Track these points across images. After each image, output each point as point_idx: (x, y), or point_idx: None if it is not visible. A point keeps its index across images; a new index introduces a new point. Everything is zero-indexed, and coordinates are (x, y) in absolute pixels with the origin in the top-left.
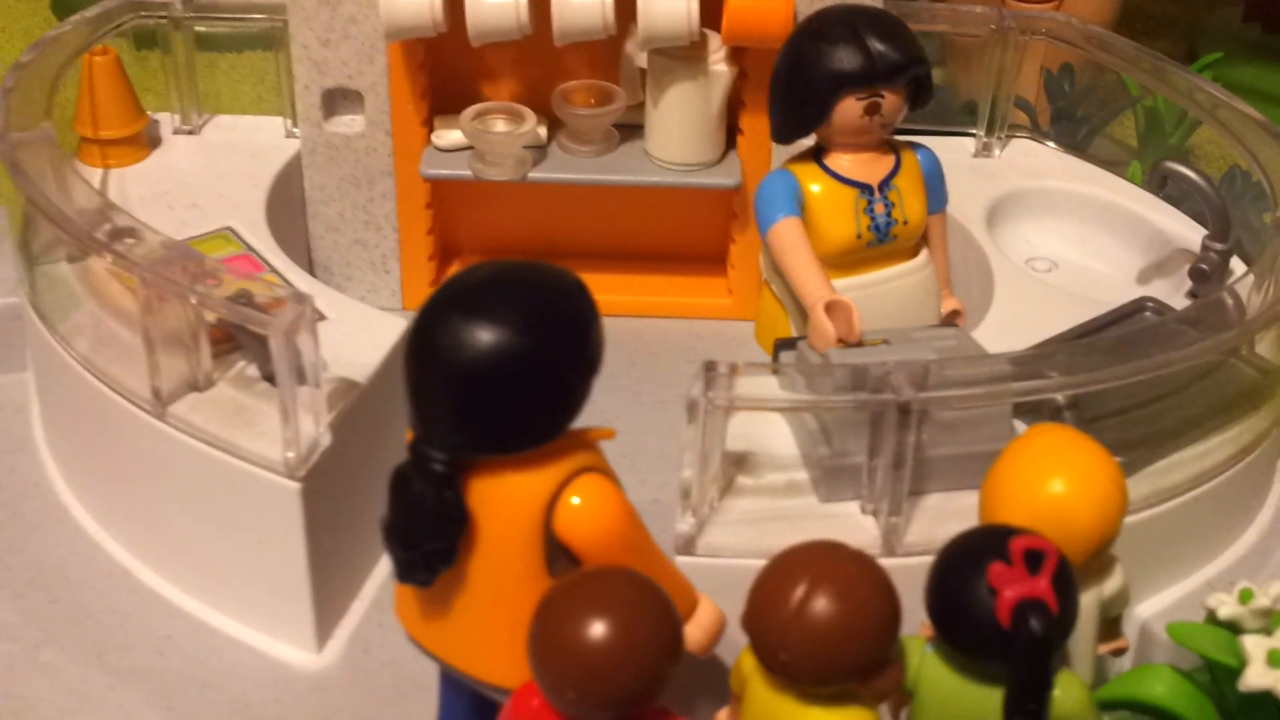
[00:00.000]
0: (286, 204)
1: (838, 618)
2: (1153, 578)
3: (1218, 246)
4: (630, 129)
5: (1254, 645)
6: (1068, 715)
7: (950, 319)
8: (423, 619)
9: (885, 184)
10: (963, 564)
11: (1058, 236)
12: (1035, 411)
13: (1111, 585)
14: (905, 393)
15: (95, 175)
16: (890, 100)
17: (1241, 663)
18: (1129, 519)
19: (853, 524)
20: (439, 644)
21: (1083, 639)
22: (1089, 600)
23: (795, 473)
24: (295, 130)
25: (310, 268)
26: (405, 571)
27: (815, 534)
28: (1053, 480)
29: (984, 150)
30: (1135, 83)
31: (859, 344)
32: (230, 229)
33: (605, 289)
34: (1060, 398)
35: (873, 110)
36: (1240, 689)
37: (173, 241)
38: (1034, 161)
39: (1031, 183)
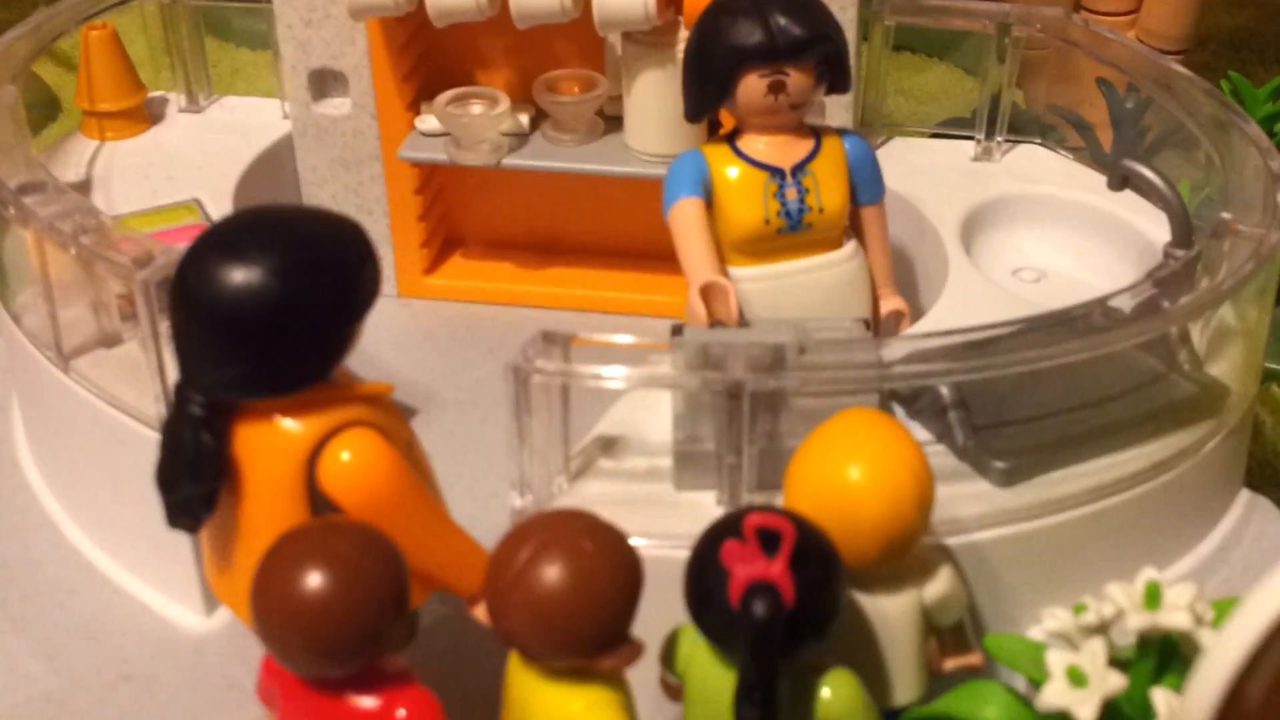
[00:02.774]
0: (276, 184)
1: (557, 586)
2: (1064, 590)
3: (1179, 254)
4: (618, 121)
5: (1056, 661)
6: (835, 717)
7: (892, 320)
8: (213, 571)
9: (799, 169)
10: (705, 543)
11: (1051, 245)
12: (926, 413)
13: (936, 589)
14: (737, 373)
15: (92, 147)
16: (796, 79)
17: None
18: (1022, 527)
19: (703, 514)
20: (225, 594)
21: (900, 644)
22: (906, 603)
23: (661, 459)
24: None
25: None
26: (170, 515)
27: (662, 521)
28: (841, 468)
29: (983, 154)
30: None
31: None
32: (197, 201)
33: (605, 285)
34: (945, 395)
35: (777, 88)
36: (1037, 708)
37: (78, 199)
38: (1035, 167)
39: (1026, 189)
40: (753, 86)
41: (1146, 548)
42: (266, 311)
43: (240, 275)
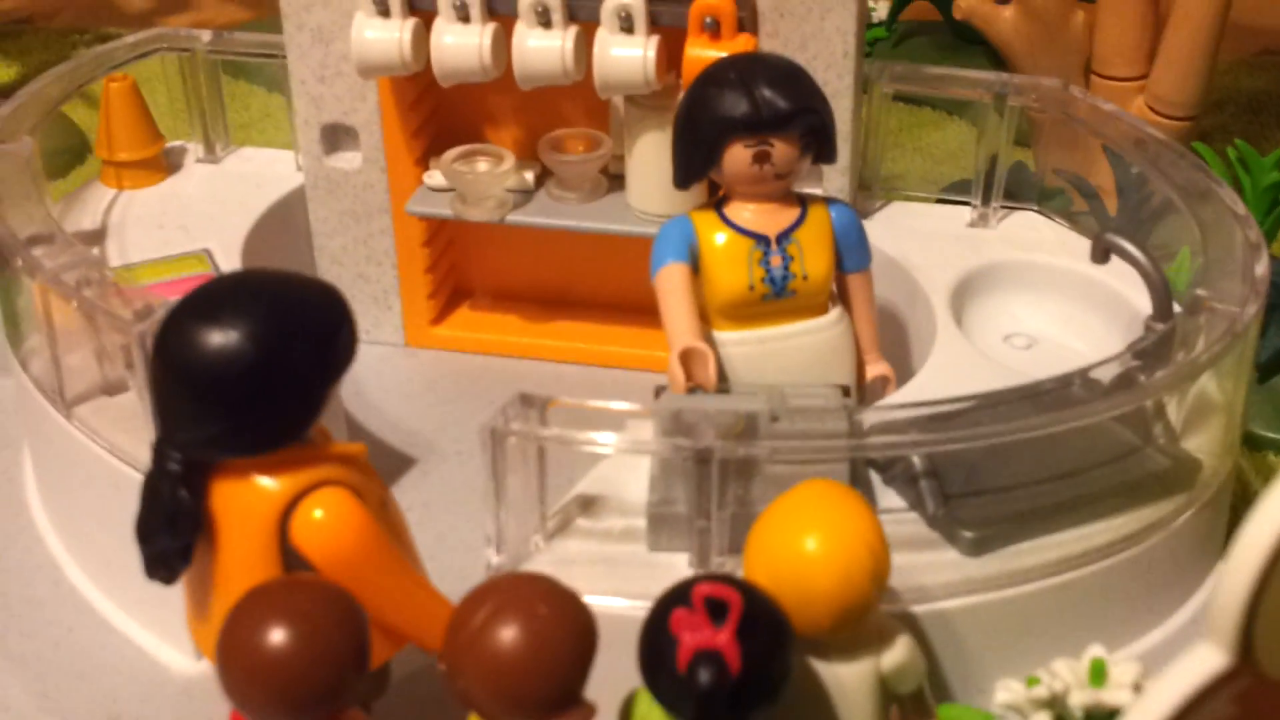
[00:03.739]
0: (288, 235)
1: (511, 648)
2: (1031, 660)
3: (1159, 327)
4: (622, 179)
5: None
6: None
7: (877, 385)
8: (192, 621)
9: (784, 236)
10: (656, 610)
11: (1042, 312)
12: (898, 480)
13: (893, 657)
14: (707, 440)
15: (109, 196)
16: (781, 149)
17: None
18: (990, 596)
19: (675, 575)
20: (203, 643)
21: (857, 711)
22: (863, 671)
23: (637, 520)
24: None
25: None
26: (148, 567)
27: (634, 581)
28: (797, 539)
29: (979, 220)
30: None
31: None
32: (207, 251)
33: (608, 340)
34: (917, 465)
35: (762, 159)
36: None
37: (83, 252)
38: (1030, 234)
39: (1020, 255)
40: (738, 156)
41: (1116, 620)
42: (243, 374)
43: (218, 339)
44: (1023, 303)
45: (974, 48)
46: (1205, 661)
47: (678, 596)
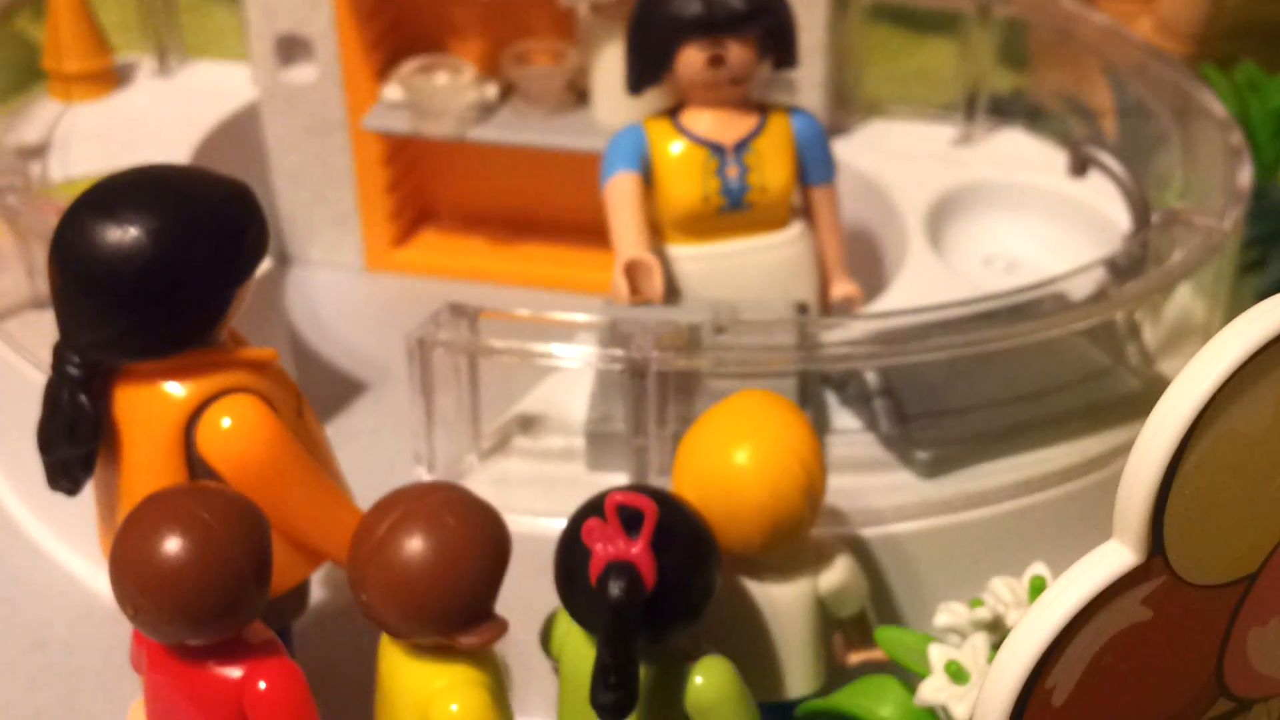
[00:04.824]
0: (240, 151)
1: (414, 559)
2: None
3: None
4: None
5: (937, 656)
6: (708, 705)
7: (843, 304)
8: (103, 535)
9: (741, 146)
10: (571, 523)
11: (1025, 233)
12: (853, 400)
13: (832, 579)
14: (644, 351)
15: (57, 109)
16: (736, 52)
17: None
18: (945, 519)
19: None
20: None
21: (793, 634)
22: (799, 592)
23: (578, 439)
24: None
25: (275, 221)
26: (50, 477)
27: (572, 501)
28: (726, 451)
29: (963, 138)
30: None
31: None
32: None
33: (575, 264)
34: (872, 383)
35: (716, 62)
36: (915, 703)
37: (10, 160)
38: (1014, 153)
39: (1002, 175)
40: (691, 59)
41: (1079, 547)
42: (140, 271)
43: (115, 234)
44: (1005, 223)
45: None
46: (1111, 559)
47: (592, 507)
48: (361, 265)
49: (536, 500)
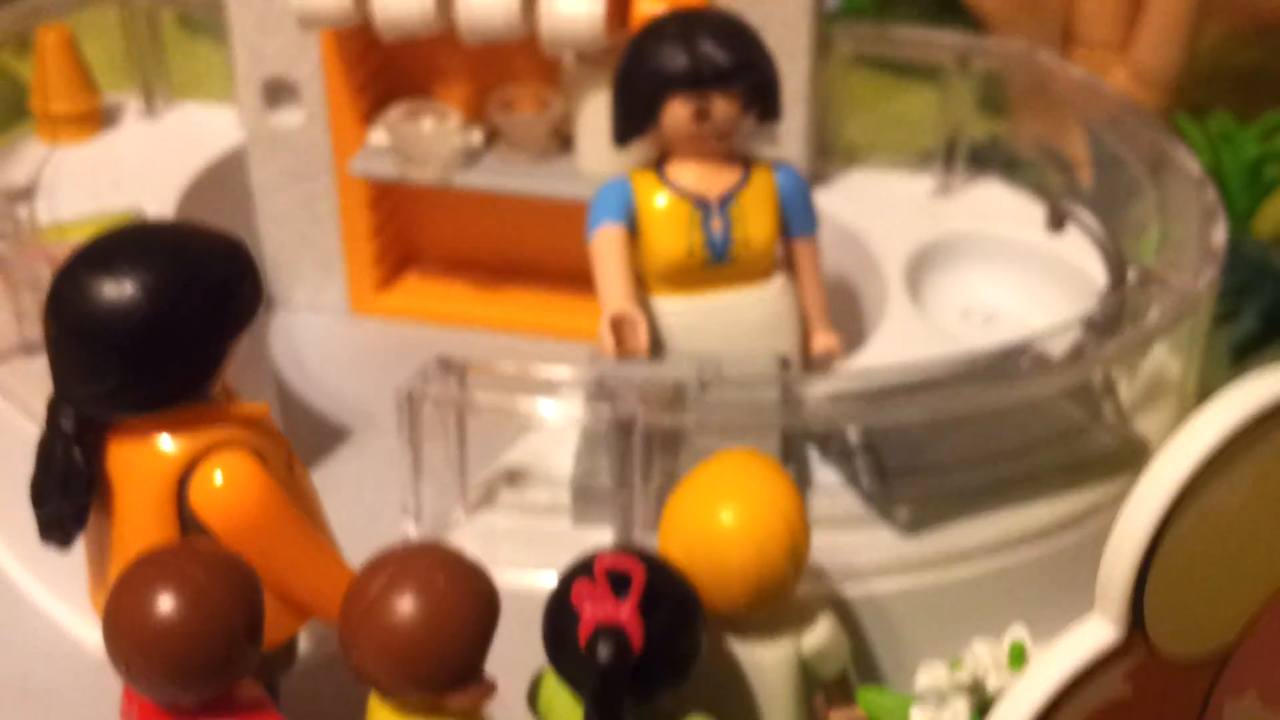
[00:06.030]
0: (226, 194)
1: (406, 619)
2: (967, 645)
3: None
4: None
5: (918, 718)
6: None
7: (823, 357)
8: (93, 589)
9: (726, 200)
10: (560, 584)
11: (1002, 286)
12: (834, 455)
13: (814, 639)
14: (630, 407)
15: (43, 150)
16: (721, 106)
17: None
18: (925, 577)
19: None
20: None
21: (775, 694)
22: (783, 653)
23: (564, 493)
24: None
25: (260, 264)
26: (42, 530)
27: (557, 555)
28: (712, 512)
29: (942, 189)
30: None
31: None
32: (139, 209)
33: (559, 310)
34: (853, 439)
35: (702, 116)
36: None
37: (1, 206)
38: (992, 205)
39: (980, 227)
40: (677, 113)
41: (1057, 605)
42: (135, 327)
43: (111, 289)
44: (983, 276)
45: (961, 17)
46: (1094, 635)
47: (580, 569)
48: (346, 308)
49: (522, 554)
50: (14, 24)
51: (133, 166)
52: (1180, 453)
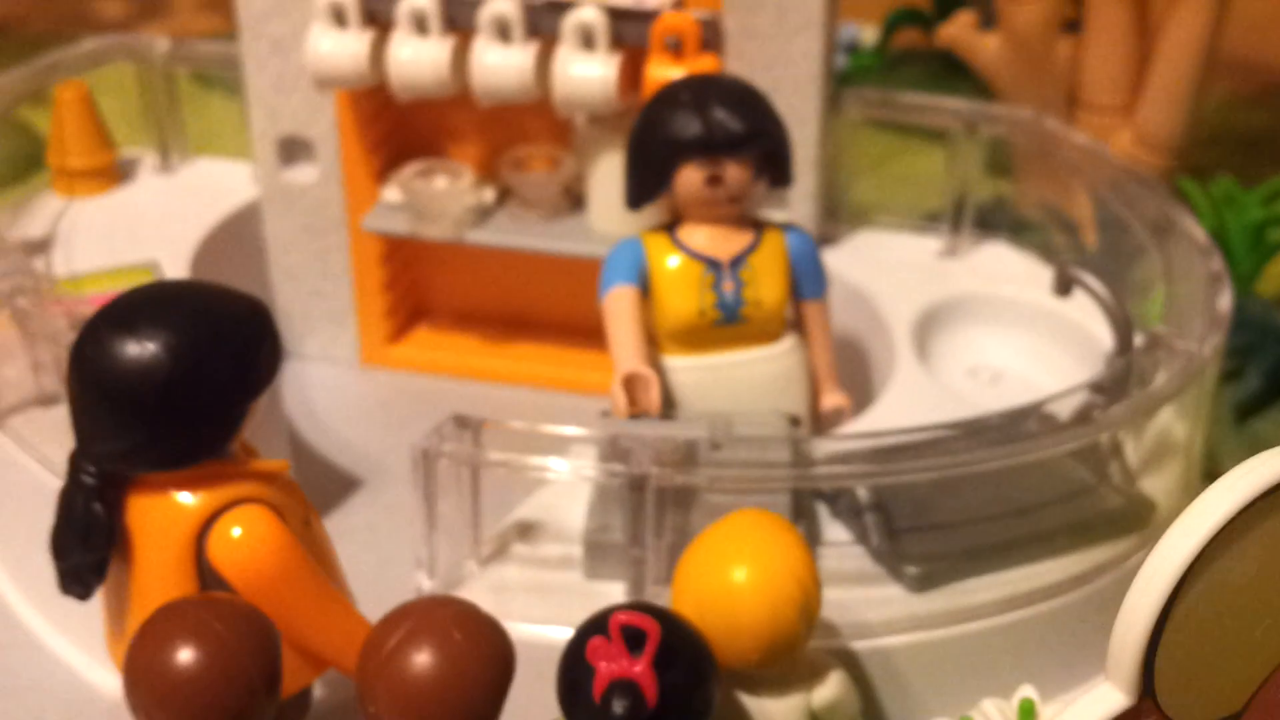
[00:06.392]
0: (241, 248)
1: (423, 673)
2: (974, 701)
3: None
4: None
5: None
6: None
7: (832, 415)
8: (111, 639)
9: (737, 261)
10: (575, 639)
11: (1009, 346)
12: (844, 513)
13: (825, 694)
14: (643, 466)
15: (60, 204)
16: (733, 172)
17: None
18: (933, 634)
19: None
20: (119, 661)
21: None
22: (793, 707)
23: (576, 547)
24: None
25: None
26: (62, 582)
27: (568, 609)
28: (724, 570)
29: (949, 251)
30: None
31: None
32: (155, 263)
33: (568, 363)
34: (863, 497)
35: (714, 181)
36: None
37: (20, 261)
38: (999, 266)
39: (987, 288)
40: (690, 178)
41: (1064, 663)
42: (158, 386)
43: (134, 349)
44: (989, 335)
45: (965, 77)
46: (1105, 701)
47: (596, 625)
48: (357, 360)
49: (534, 608)
50: (32, 79)
51: (148, 220)
52: (1191, 527)
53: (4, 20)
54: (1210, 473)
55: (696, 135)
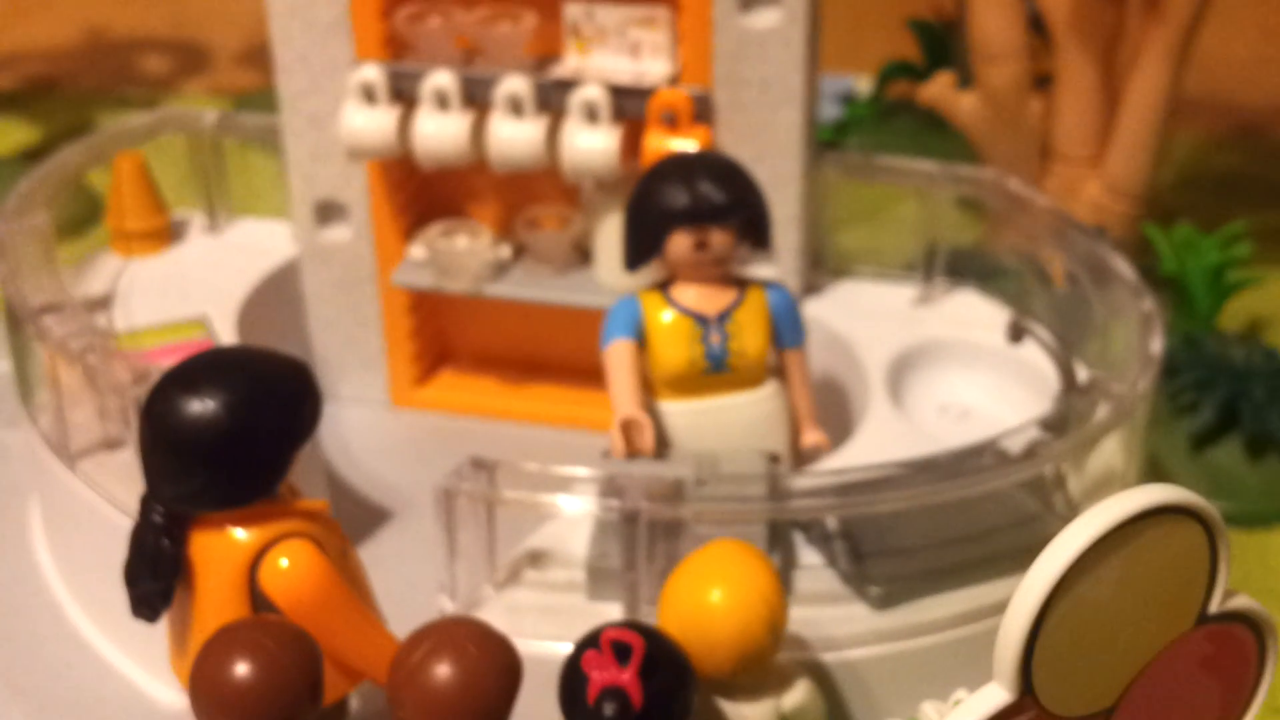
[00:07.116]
0: (282, 301)
1: (444, 681)
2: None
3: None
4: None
5: None
6: None
7: (811, 452)
8: (173, 657)
9: (723, 316)
10: (573, 653)
11: (975, 385)
12: (815, 539)
13: (794, 699)
14: (636, 502)
15: (118, 262)
16: (718, 238)
17: None
18: (895, 646)
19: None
20: (183, 677)
21: None
22: (765, 710)
23: (580, 573)
24: None
25: (311, 362)
26: (134, 607)
27: (573, 627)
28: (702, 593)
29: (922, 299)
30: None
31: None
32: (206, 317)
33: (580, 403)
34: (831, 526)
35: (701, 246)
36: None
37: (88, 320)
38: (968, 312)
39: (955, 333)
40: (680, 244)
41: None
42: (217, 438)
43: (196, 406)
44: (958, 377)
45: (953, 127)
46: (990, 698)
47: (589, 640)
48: (387, 401)
49: (543, 626)
50: (96, 148)
51: (198, 277)
52: (1056, 553)
53: (55, 77)
54: None
55: (685, 206)
